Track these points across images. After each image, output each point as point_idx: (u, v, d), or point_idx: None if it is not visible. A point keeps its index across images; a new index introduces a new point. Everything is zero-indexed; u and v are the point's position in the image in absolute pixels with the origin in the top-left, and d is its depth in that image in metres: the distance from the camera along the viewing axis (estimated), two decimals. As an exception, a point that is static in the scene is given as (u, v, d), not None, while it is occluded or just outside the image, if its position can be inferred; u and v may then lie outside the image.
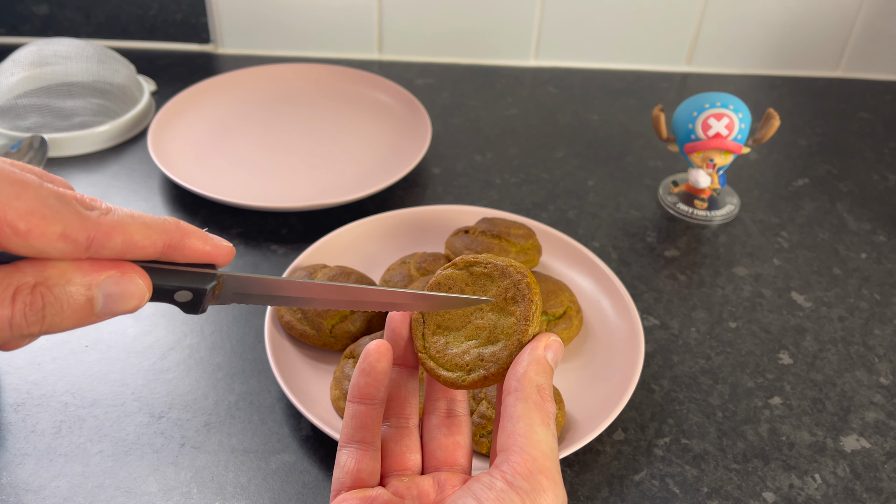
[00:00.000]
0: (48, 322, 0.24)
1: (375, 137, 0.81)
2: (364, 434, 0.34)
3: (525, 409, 0.30)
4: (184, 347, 0.56)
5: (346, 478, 0.34)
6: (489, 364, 0.33)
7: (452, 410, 0.36)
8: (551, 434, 0.30)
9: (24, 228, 0.23)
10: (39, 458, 0.48)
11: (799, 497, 0.48)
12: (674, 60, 0.99)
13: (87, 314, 0.25)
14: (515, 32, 0.96)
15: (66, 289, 0.25)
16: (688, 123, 0.69)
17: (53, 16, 0.93)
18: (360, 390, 0.34)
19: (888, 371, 0.58)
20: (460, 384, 0.34)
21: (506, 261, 0.35)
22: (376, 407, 0.34)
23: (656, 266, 0.66)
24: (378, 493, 0.33)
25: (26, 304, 0.24)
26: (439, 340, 0.35)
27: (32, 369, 0.54)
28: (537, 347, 0.32)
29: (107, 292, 0.26)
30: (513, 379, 0.31)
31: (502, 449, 0.29)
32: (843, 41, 0.97)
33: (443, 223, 0.65)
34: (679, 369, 0.57)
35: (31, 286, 0.24)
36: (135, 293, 0.26)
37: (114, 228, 0.25)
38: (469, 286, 0.35)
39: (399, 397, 0.36)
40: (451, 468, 0.35)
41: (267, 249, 0.66)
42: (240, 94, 0.86)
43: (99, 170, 0.75)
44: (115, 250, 0.26)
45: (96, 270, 0.25)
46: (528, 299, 0.33)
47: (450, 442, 0.36)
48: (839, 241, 0.71)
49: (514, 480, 0.28)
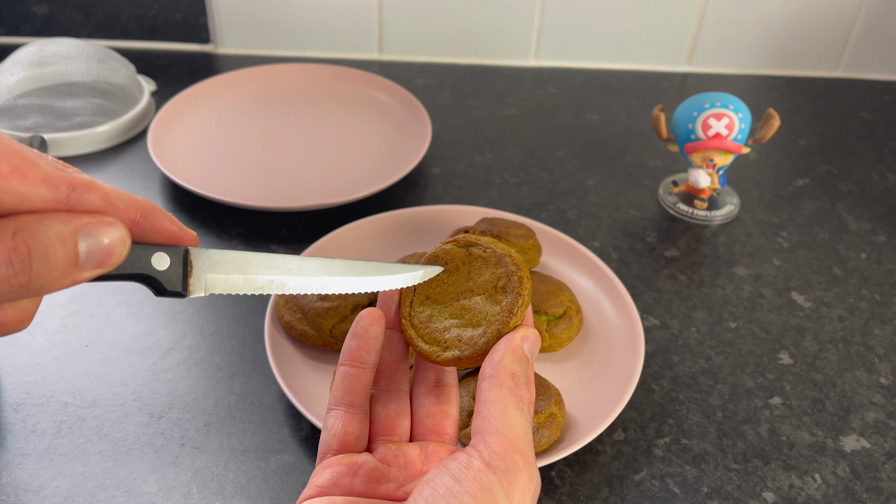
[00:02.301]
0: (35, 270, 0.23)
1: (375, 137, 0.81)
2: (353, 397, 0.35)
3: (500, 395, 0.30)
4: (184, 347, 0.56)
5: (333, 440, 0.34)
6: (465, 346, 0.34)
7: (441, 380, 0.37)
8: (525, 418, 0.30)
9: (8, 169, 0.22)
10: (39, 458, 0.48)
11: (799, 497, 0.48)
12: (674, 60, 0.99)
13: (73, 265, 0.24)
14: (515, 32, 0.96)
15: (48, 234, 0.23)
16: (688, 123, 0.69)
17: (53, 16, 0.93)
18: (351, 353, 0.35)
19: (888, 371, 0.58)
20: (434, 359, 0.35)
21: (506, 250, 0.35)
22: (366, 371, 0.35)
23: (656, 266, 0.66)
24: (364, 459, 0.34)
25: (10, 250, 0.23)
26: (425, 312, 0.36)
27: (32, 369, 0.54)
28: (514, 338, 0.33)
29: (89, 239, 0.25)
30: (489, 366, 0.32)
31: (478, 431, 0.30)
32: (843, 41, 0.97)
33: (443, 223, 0.65)
34: (679, 369, 0.57)
35: (11, 233, 0.23)
36: (116, 239, 0.25)
37: (91, 183, 0.25)
38: (465, 265, 0.36)
39: (390, 361, 0.37)
40: (438, 437, 0.36)
41: (267, 249, 0.66)
42: (240, 94, 0.86)
43: (99, 170, 0.75)
44: (94, 205, 0.25)
45: (77, 217, 0.25)
46: (517, 292, 0.34)
47: (438, 410, 0.36)
48: (839, 241, 0.71)
49: (490, 460, 0.28)
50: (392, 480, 0.33)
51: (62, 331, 0.57)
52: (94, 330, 0.57)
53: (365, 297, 0.54)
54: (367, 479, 0.33)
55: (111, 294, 0.60)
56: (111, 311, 0.59)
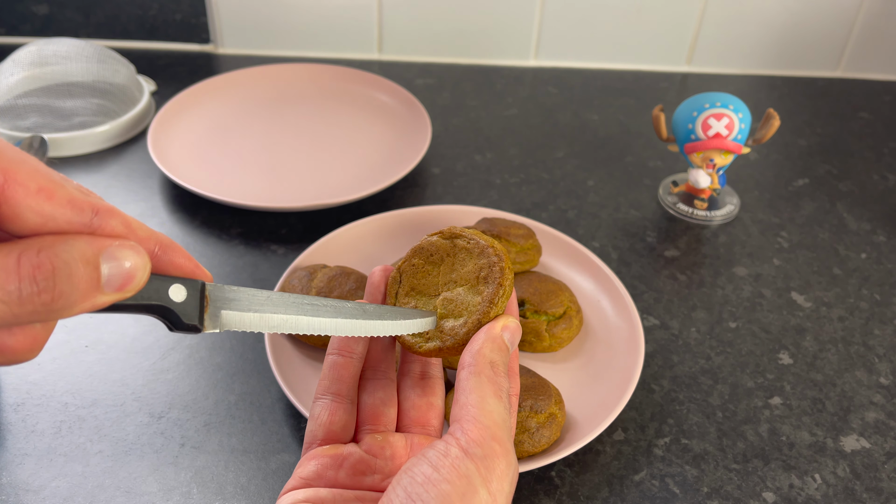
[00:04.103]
0: (59, 289, 0.23)
1: (375, 137, 0.81)
2: (340, 386, 0.35)
3: (478, 383, 0.31)
4: (184, 347, 0.56)
5: (319, 430, 0.34)
6: (446, 337, 0.34)
7: (426, 372, 0.37)
8: (503, 406, 0.30)
9: (35, 188, 0.23)
10: (39, 458, 0.48)
11: (799, 497, 0.48)
12: (674, 60, 0.99)
13: (95, 286, 0.24)
14: (515, 32, 0.96)
15: (72, 254, 0.24)
16: (688, 123, 0.69)
17: (53, 16, 0.93)
18: (339, 342, 0.35)
19: (888, 371, 0.58)
20: (416, 350, 0.35)
21: (489, 241, 0.36)
22: (354, 361, 0.35)
23: (656, 266, 0.66)
24: (350, 451, 0.34)
25: (34, 267, 0.23)
26: (409, 303, 0.36)
27: (32, 369, 0.54)
28: (494, 327, 0.33)
29: (111, 262, 0.25)
30: (468, 354, 0.32)
31: (455, 419, 0.30)
32: (843, 41, 0.97)
33: (443, 223, 0.65)
34: (679, 369, 0.57)
35: (36, 250, 0.23)
36: (138, 264, 0.26)
37: (113, 210, 0.25)
38: (449, 256, 0.36)
39: (377, 349, 0.37)
40: (423, 429, 0.36)
41: (267, 249, 0.66)
42: (240, 94, 0.86)
43: (99, 170, 0.75)
44: (116, 231, 0.25)
45: (100, 240, 0.25)
46: (498, 283, 0.34)
47: (423, 402, 0.36)
48: (839, 241, 0.71)
49: (468, 447, 0.28)
50: (377, 472, 0.33)
51: (62, 331, 0.57)
52: (94, 330, 0.57)
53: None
54: (353, 470, 0.33)
55: (111, 294, 0.60)
56: (111, 311, 0.59)
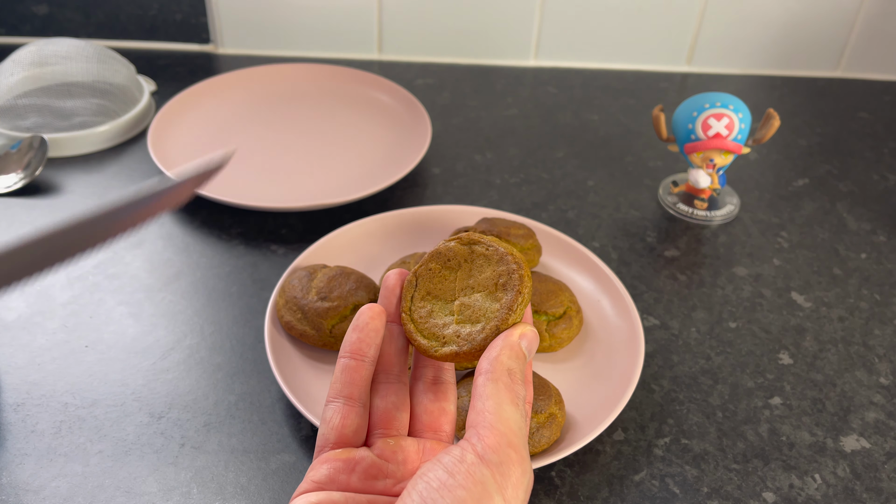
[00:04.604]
0: None
1: (375, 137, 0.81)
2: (352, 390, 0.35)
3: (495, 390, 0.31)
4: (184, 347, 0.56)
5: (331, 433, 0.34)
6: (463, 342, 0.34)
7: (439, 377, 0.37)
8: (520, 413, 0.31)
9: None
10: (39, 458, 0.48)
11: (799, 497, 0.48)
12: (674, 60, 0.99)
13: None
14: (515, 32, 0.96)
15: None
16: (688, 123, 0.69)
17: (53, 16, 0.93)
18: (351, 346, 0.35)
19: (888, 371, 0.58)
20: (432, 354, 0.35)
21: (508, 248, 0.36)
22: (366, 364, 0.35)
23: (656, 266, 0.66)
24: (362, 455, 0.34)
25: None
26: (425, 307, 0.36)
27: (32, 369, 0.54)
28: (512, 334, 0.33)
29: None
30: (485, 361, 0.32)
31: (472, 425, 0.30)
32: (843, 41, 0.97)
33: (443, 223, 0.65)
34: (679, 369, 0.57)
35: None
36: None
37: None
38: (466, 262, 0.36)
39: (390, 352, 0.37)
40: (435, 434, 0.36)
41: (267, 249, 0.66)
42: (240, 94, 0.86)
43: (99, 170, 0.75)
44: None
45: None
46: (517, 290, 0.34)
47: (435, 407, 0.36)
48: (839, 241, 0.71)
49: (484, 454, 0.28)
50: (389, 476, 0.33)
51: (62, 331, 0.57)
52: (94, 330, 0.57)
53: (365, 297, 0.54)
54: (365, 475, 0.33)
55: (111, 294, 0.60)
56: (111, 311, 0.59)
